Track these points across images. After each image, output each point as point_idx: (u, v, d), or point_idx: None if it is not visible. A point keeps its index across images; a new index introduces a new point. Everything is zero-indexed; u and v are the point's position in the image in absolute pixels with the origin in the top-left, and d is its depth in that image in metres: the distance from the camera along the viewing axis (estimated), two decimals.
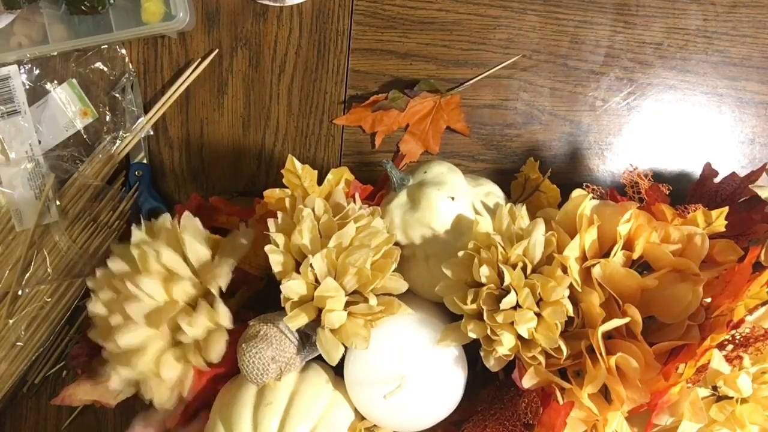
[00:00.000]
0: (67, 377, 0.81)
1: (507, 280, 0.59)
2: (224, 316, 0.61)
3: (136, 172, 0.81)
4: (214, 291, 0.62)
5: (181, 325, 0.60)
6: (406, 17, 0.81)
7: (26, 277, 0.78)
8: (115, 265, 0.63)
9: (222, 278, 0.62)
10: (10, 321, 0.77)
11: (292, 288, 0.60)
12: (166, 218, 0.66)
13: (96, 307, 0.63)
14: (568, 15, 0.80)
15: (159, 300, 0.61)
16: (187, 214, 0.66)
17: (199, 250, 0.64)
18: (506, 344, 0.58)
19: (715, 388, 0.61)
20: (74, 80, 0.82)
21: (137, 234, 0.64)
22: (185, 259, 0.64)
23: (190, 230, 0.65)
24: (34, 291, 0.78)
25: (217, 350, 0.60)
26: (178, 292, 0.62)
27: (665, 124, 0.80)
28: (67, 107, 0.82)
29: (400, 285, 0.63)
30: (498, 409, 0.63)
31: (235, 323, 0.64)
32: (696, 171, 0.79)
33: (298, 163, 0.68)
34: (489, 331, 0.59)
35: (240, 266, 0.66)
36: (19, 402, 0.82)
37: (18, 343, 0.77)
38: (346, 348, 0.61)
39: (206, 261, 0.64)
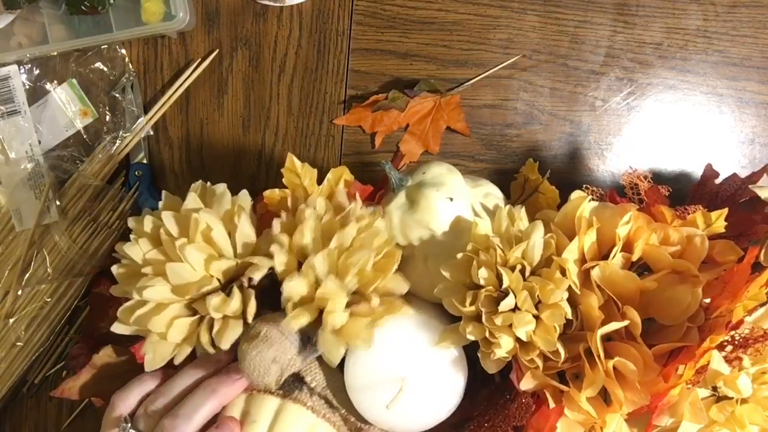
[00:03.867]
0: (67, 377, 0.81)
1: (506, 283, 0.59)
2: (251, 312, 0.61)
3: (136, 172, 0.81)
4: (245, 282, 0.62)
5: (209, 303, 0.60)
6: (406, 17, 0.80)
7: (26, 277, 0.78)
8: (168, 221, 0.62)
9: (260, 272, 0.62)
10: (10, 321, 0.77)
11: (294, 288, 0.60)
12: (225, 191, 0.65)
13: (133, 252, 0.62)
14: (568, 15, 0.80)
15: (197, 271, 0.61)
16: (244, 192, 0.66)
17: (248, 234, 0.64)
18: (504, 346, 0.58)
19: (714, 388, 0.61)
20: (74, 80, 0.82)
21: (192, 197, 0.64)
22: (230, 236, 0.64)
23: (246, 211, 0.65)
24: (34, 291, 0.78)
25: (230, 339, 0.60)
26: (216, 269, 0.62)
27: (665, 124, 0.80)
28: (67, 107, 0.82)
29: (402, 286, 0.63)
30: (491, 415, 0.63)
31: None
32: (696, 171, 0.79)
33: (297, 162, 0.68)
34: (487, 334, 0.59)
35: None
36: (19, 402, 0.82)
37: (18, 343, 0.77)
38: (347, 350, 0.61)
39: (250, 246, 0.64)
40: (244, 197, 0.66)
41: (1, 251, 0.79)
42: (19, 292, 0.77)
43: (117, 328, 0.62)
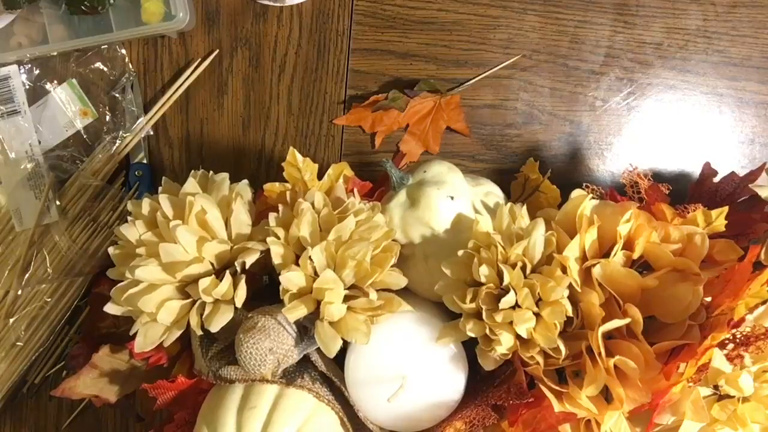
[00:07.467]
0: (67, 377, 0.80)
1: (506, 280, 0.59)
2: (241, 297, 0.61)
3: (136, 172, 0.81)
4: (238, 266, 0.62)
5: (200, 286, 0.60)
6: (406, 17, 0.81)
7: (26, 277, 0.78)
8: (165, 203, 0.63)
9: (252, 256, 0.62)
10: (10, 321, 0.77)
11: (291, 279, 0.60)
12: (225, 178, 0.66)
13: (129, 233, 0.63)
14: (568, 15, 0.80)
15: (189, 253, 0.61)
16: (244, 182, 0.67)
17: (243, 219, 0.64)
18: (505, 344, 0.58)
19: (716, 387, 0.61)
20: (74, 80, 0.82)
21: (191, 182, 0.65)
22: (227, 223, 0.64)
23: (243, 199, 0.65)
24: (34, 291, 0.78)
25: (219, 323, 0.60)
26: (208, 252, 0.62)
27: (665, 124, 0.80)
28: (67, 107, 0.82)
29: (399, 280, 0.63)
30: (470, 397, 0.63)
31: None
32: (696, 171, 0.78)
33: (299, 156, 0.68)
34: (488, 331, 0.59)
35: None
36: (19, 402, 0.82)
37: (18, 343, 0.77)
38: (347, 347, 0.60)
39: (245, 233, 0.65)
40: (244, 186, 0.67)
41: (1, 251, 0.79)
42: (19, 292, 0.77)
43: (109, 309, 0.63)
